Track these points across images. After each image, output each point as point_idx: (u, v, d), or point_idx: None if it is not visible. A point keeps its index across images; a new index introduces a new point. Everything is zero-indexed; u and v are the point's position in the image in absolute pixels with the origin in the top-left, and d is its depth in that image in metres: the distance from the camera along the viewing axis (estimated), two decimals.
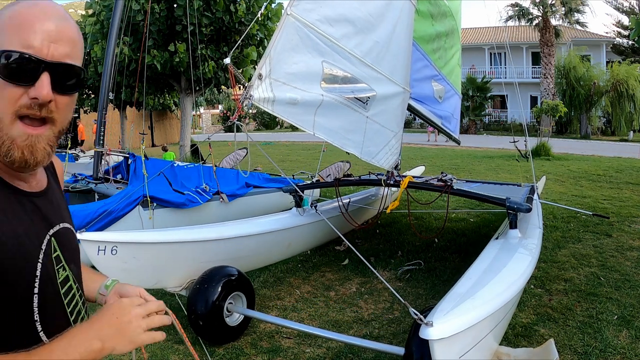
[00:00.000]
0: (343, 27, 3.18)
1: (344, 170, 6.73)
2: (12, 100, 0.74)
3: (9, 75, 0.73)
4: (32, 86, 0.74)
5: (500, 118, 29.44)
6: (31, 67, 0.74)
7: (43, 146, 0.78)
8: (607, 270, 4.12)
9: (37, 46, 0.74)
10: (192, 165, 5.91)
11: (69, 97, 0.81)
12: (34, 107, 0.75)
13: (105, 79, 5.63)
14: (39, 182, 0.89)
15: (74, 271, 0.91)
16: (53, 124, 0.79)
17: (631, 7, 28.65)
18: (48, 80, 0.75)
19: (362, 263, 3.42)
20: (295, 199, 4.37)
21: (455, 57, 6.07)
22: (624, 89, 23.10)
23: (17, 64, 0.73)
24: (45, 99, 0.74)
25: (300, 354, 2.87)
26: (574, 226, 5.60)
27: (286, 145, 19.01)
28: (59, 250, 0.86)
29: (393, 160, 4.04)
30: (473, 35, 31.95)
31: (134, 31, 10.62)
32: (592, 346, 2.84)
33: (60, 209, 0.93)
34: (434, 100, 5.49)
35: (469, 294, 2.23)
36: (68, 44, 0.78)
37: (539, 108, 18.36)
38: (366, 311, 3.46)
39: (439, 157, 13.95)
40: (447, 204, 4.15)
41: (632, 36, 8.48)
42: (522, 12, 25.94)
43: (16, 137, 0.75)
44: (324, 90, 3.09)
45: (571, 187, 8.34)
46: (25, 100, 0.74)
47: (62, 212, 0.93)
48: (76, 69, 0.80)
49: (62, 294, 0.85)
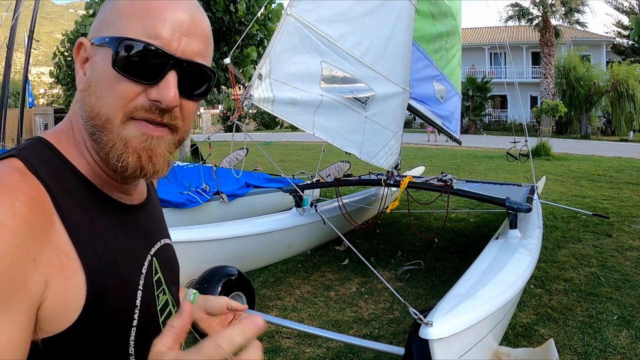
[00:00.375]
0: (341, 27, 3.18)
1: (344, 170, 6.73)
2: (126, 99, 0.60)
3: (127, 69, 0.59)
4: (155, 86, 0.60)
5: (500, 118, 29.46)
6: (157, 62, 0.60)
7: (163, 151, 0.63)
8: (607, 270, 4.12)
9: (166, 37, 0.60)
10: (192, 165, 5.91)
11: (196, 103, 0.66)
12: (154, 112, 0.61)
13: None
14: (140, 192, 0.76)
15: (173, 294, 0.77)
16: (175, 131, 0.65)
17: (631, 7, 28.67)
18: (175, 80, 0.61)
19: (362, 263, 3.42)
20: (295, 199, 4.37)
21: (456, 57, 6.07)
22: (624, 89, 23.11)
23: (140, 56, 0.59)
24: (171, 104, 0.60)
25: (300, 354, 2.87)
26: (574, 226, 5.60)
27: (286, 145, 19.01)
28: (160, 272, 0.73)
29: (393, 160, 4.04)
30: (473, 35, 31.96)
31: None
32: (592, 346, 2.84)
33: (160, 222, 0.80)
34: (436, 100, 5.50)
35: (469, 294, 2.23)
36: (201, 40, 0.64)
37: (539, 108, 18.37)
38: (366, 311, 3.46)
39: (439, 157, 13.95)
40: (447, 204, 4.15)
41: (632, 36, 8.49)
42: (522, 12, 25.95)
43: (131, 138, 0.61)
44: (323, 90, 3.09)
45: (571, 187, 8.34)
46: (143, 101, 0.60)
47: (162, 226, 0.80)
48: (207, 71, 0.65)
49: (160, 323, 0.71)
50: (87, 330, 0.58)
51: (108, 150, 0.61)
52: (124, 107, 0.60)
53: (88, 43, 0.64)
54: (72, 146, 0.65)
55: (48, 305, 0.54)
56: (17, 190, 0.54)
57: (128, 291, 0.64)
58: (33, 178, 0.57)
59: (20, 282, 0.51)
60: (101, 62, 0.61)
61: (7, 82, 8.87)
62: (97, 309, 0.58)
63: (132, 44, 0.59)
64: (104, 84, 0.60)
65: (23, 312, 0.51)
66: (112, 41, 0.60)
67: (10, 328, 0.50)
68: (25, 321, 0.52)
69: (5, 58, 8.64)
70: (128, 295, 0.64)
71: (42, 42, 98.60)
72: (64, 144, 0.65)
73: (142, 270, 0.68)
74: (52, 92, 54.25)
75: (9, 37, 8.67)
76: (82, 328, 0.57)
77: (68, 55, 18.44)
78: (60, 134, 0.67)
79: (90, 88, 0.62)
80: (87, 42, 0.64)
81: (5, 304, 0.49)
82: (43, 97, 65.85)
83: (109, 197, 0.66)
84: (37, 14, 8.90)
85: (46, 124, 24.22)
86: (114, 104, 0.60)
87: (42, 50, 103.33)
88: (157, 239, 0.75)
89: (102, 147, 0.62)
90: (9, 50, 8.64)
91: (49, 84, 49.90)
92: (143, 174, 0.63)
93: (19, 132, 8.57)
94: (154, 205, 0.80)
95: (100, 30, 0.63)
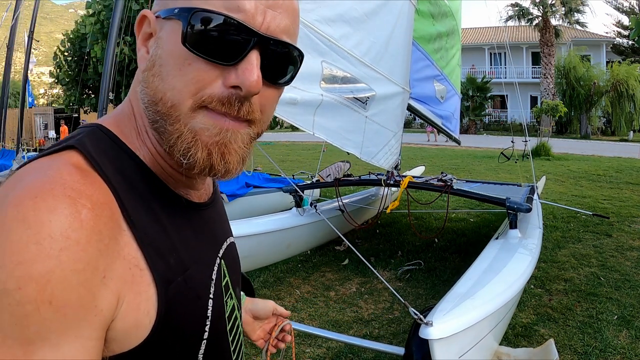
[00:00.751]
0: (342, 28, 3.19)
1: (344, 170, 6.72)
2: (199, 83, 0.50)
3: (201, 46, 0.49)
4: (234, 67, 0.50)
5: (500, 118, 29.47)
6: (238, 39, 0.49)
7: (240, 146, 0.53)
8: (607, 270, 4.12)
9: (249, 10, 0.50)
10: None
11: (278, 91, 0.57)
12: (233, 103, 0.51)
13: (105, 79, 5.63)
14: (207, 187, 0.67)
15: (238, 297, 0.71)
16: (254, 124, 0.55)
17: (631, 7, 28.67)
18: (258, 61, 0.50)
19: (362, 263, 3.42)
20: (295, 199, 4.37)
21: (455, 57, 6.08)
22: (624, 89, 23.11)
23: (218, 31, 0.49)
24: (252, 90, 0.50)
25: (300, 354, 2.87)
26: (574, 226, 5.60)
27: (286, 145, 19.01)
28: (227, 275, 0.65)
29: (393, 160, 4.04)
30: (473, 35, 31.97)
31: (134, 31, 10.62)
32: (592, 346, 2.84)
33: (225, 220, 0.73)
34: (436, 100, 5.50)
35: (469, 294, 2.23)
36: (289, 15, 0.53)
37: (539, 108, 18.37)
38: (366, 311, 3.46)
39: (439, 157, 13.95)
40: (447, 204, 4.15)
41: (632, 36, 8.49)
42: (522, 12, 25.96)
43: (201, 130, 0.51)
44: (323, 90, 3.09)
45: (571, 187, 8.34)
46: (221, 90, 0.50)
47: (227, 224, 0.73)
48: (295, 51, 0.54)
49: (228, 331, 0.65)
50: (157, 347, 0.51)
51: (172, 143, 0.52)
52: (196, 94, 0.50)
53: (152, 16, 0.54)
54: (134, 134, 0.56)
55: (119, 325, 0.47)
56: (81, 195, 0.45)
57: (200, 302, 0.57)
58: (97, 177, 0.49)
59: (90, 304, 0.44)
60: (168, 38, 0.51)
61: (7, 82, 8.88)
62: (168, 325, 0.52)
63: (208, 16, 0.49)
64: (171, 64, 0.51)
65: (94, 335, 0.45)
66: (183, 13, 0.50)
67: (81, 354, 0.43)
68: (96, 344, 0.45)
69: (5, 58, 8.64)
70: (200, 306, 0.57)
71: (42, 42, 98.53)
72: (125, 131, 0.56)
73: (212, 276, 0.61)
74: (52, 92, 54.23)
75: (9, 37, 8.67)
76: (152, 345, 0.50)
77: (68, 55, 18.46)
78: (120, 120, 0.58)
79: (154, 68, 0.52)
80: (151, 15, 0.55)
81: (76, 329, 0.43)
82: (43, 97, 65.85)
83: (176, 195, 0.58)
84: (37, 14, 8.90)
85: (46, 124, 24.23)
86: (183, 88, 0.50)
87: (42, 50, 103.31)
88: (224, 238, 0.68)
89: (165, 139, 0.52)
90: (9, 50, 8.64)
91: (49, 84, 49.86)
92: (212, 173, 0.53)
93: (19, 132, 8.57)
94: (219, 200, 0.72)
95: (168, 2, 0.53)
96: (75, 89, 17.51)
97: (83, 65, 15.91)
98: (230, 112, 0.51)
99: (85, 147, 0.51)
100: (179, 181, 0.58)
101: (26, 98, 11.93)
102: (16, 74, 22.97)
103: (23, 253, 0.40)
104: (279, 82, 0.55)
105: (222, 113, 0.51)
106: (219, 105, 0.50)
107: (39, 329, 0.41)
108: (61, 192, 0.44)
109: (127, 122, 0.57)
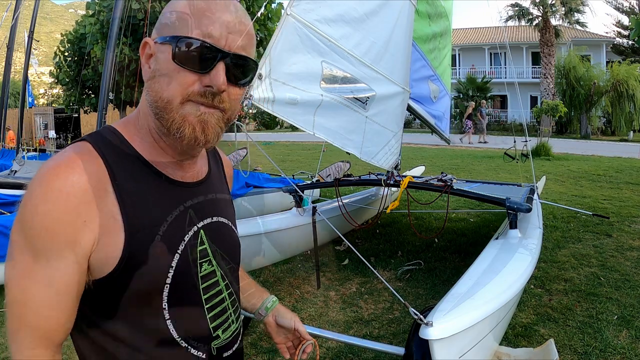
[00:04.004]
0: (342, 28, 3.18)
1: (344, 170, 6.72)
2: (185, 85, 0.74)
3: (186, 62, 0.73)
4: (207, 74, 0.74)
5: (500, 118, 29.45)
6: (209, 55, 0.74)
7: (214, 124, 0.77)
8: (607, 270, 4.12)
9: (216, 36, 0.74)
10: None
11: (240, 89, 0.80)
12: (207, 96, 0.75)
13: (105, 79, 5.63)
14: (198, 173, 0.89)
15: (223, 269, 0.89)
16: (224, 112, 0.79)
17: (631, 7, 28.67)
18: (224, 69, 0.75)
19: (362, 263, 3.42)
20: (295, 199, 4.37)
21: (447, 57, 6.13)
22: (624, 89, 23.09)
23: (197, 51, 0.73)
24: (220, 88, 0.74)
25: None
26: (574, 226, 5.60)
27: (286, 145, 19.01)
28: (207, 244, 0.85)
29: (393, 161, 4.04)
30: (473, 35, 31.96)
31: (134, 31, 10.62)
32: (592, 346, 2.84)
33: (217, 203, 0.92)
34: (430, 100, 5.52)
35: (469, 294, 2.23)
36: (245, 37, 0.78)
37: (539, 108, 18.36)
38: (366, 311, 3.46)
39: (439, 157, 13.95)
40: (447, 204, 4.15)
41: (632, 36, 8.48)
42: (522, 12, 25.94)
43: (188, 114, 0.75)
44: (323, 90, 3.09)
45: (571, 187, 8.34)
46: (198, 87, 0.74)
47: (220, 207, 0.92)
48: (250, 62, 0.79)
49: (200, 289, 0.83)
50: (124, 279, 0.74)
51: (169, 125, 0.76)
52: (183, 92, 0.74)
53: (152, 42, 0.78)
54: (135, 131, 0.82)
55: (95, 256, 0.72)
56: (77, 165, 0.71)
57: (164, 253, 0.77)
58: (96, 156, 0.75)
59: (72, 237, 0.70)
60: (163, 56, 0.75)
61: (7, 82, 8.87)
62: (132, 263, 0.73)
63: (189, 41, 0.73)
64: (165, 74, 0.75)
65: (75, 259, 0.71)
66: (173, 39, 0.74)
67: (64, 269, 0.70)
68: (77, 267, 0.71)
69: (5, 58, 8.64)
70: (163, 256, 0.77)
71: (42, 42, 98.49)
72: (128, 130, 0.82)
73: (185, 237, 0.81)
74: (52, 92, 54.21)
75: (9, 37, 8.66)
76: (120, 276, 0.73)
77: (68, 55, 18.44)
78: (127, 122, 0.84)
79: (155, 78, 0.76)
80: (151, 41, 0.78)
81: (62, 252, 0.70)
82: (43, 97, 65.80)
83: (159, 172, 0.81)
84: (37, 14, 8.90)
85: (46, 124, 24.22)
86: (174, 89, 0.74)
87: (42, 50, 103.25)
88: (210, 215, 0.88)
89: (164, 124, 0.77)
90: (9, 50, 8.64)
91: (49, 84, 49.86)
92: (197, 143, 0.76)
93: (19, 132, 8.57)
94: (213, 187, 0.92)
95: (162, 31, 0.77)
96: (75, 89, 17.52)
97: (83, 65, 15.93)
98: (206, 101, 0.75)
99: (94, 139, 0.78)
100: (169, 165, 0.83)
101: (26, 98, 11.93)
102: (16, 74, 22.96)
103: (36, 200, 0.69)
104: (240, 82, 0.79)
105: (200, 102, 0.75)
106: (199, 97, 0.75)
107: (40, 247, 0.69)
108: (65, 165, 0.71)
109: (132, 123, 0.83)
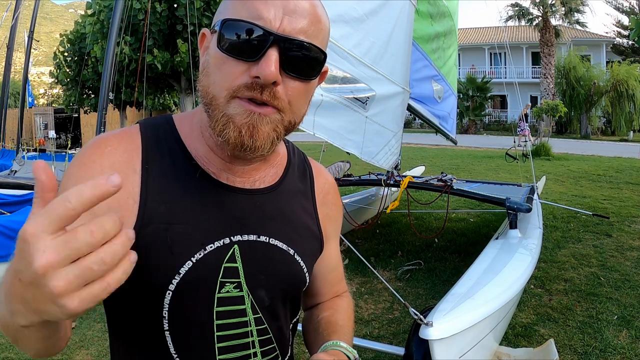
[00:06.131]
0: (341, 28, 3.18)
1: (344, 170, 6.72)
2: (231, 77, 0.63)
3: (231, 48, 0.63)
4: (256, 63, 0.62)
5: (500, 118, 29.44)
6: (258, 40, 0.61)
7: (267, 130, 0.64)
8: (607, 270, 4.12)
9: (267, 17, 0.62)
10: None
11: (302, 82, 0.66)
12: (256, 88, 0.62)
13: (105, 79, 5.63)
14: (260, 180, 0.76)
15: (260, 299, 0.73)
16: (283, 112, 0.66)
17: (631, 7, 28.67)
18: (276, 56, 0.61)
19: (362, 263, 3.42)
20: None
21: (452, 57, 6.09)
22: (624, 89, 23.09)
23: (241, 35, 0.62)
24: (269, 78, 0.61)
25: (300, 354, 2.87)
26: (574, 226, 5.60)
27: None
28: (239, 264, 0.71)
29: (393, 161, 4.04)
30: (473, 35, 31.95)
31: (134, 31, 10.62)
32: (592, 346, 2.84)
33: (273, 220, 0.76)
34: (434, 100, 5.50)
35: (469, 294, 2.23)
36: (307, 19, 0.64)
37: (539, 108, 18.36)
38: (366, 311, 3.45)
39: (439, 157, 13.95)
40: (447, 204, 4.15)
41: (632, 36, 8.48)
42: (522, 12, 25.93)
43: (234, 115, 0.63)
44: (323, 90, 3.09)
45: (571, 187, 8.34)
46: (246, 79, 0.62)
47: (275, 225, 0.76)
48: (314, 49, 0.65)
49: (214, 312, 0.70)
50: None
51: (214, 125, 0.66)
52: (229, 86, 0.63)
53: (208, 32, 0.70)
54: (187, 125, 0.75)
55: None
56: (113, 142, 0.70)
57: (173, 256, 0.67)
58: (138, 136, 0.72)
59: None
60: (212, 45, 0.67)
61: (7, 82, 8.87)
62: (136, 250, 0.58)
63: (234, 24, 0.63)
64: (212, 65, 0.66)
65: None
66: (218, 24, 0.64)
67: None
68: None
69: (5, 58, 8.64)
70: (171, 260, 0.67)
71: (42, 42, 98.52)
72: (181, 122, 0.76)
73: (207, 245, 0.69)
74: (52, 92, 54.23)
75: (9, 37, 8.67)
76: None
77: (68, 55, 18.44)
78: (186, 114, 0.79)
79: (204, 70, 0.68)
80: (207, 32, 0.71)
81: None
82: (43, 97, 65.83)
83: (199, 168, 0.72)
84: (37, 14, 8.90)
85: (46, 124, 24.20)
86: (220, 83, 0.64)
87: (42, 50, 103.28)
88: (253, 231, 0.73)
89: (211, 122, 0.67)
90: (9, 50, 8.64)
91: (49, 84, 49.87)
92: (243, 149, 0.65)
93: (19, 132, 8.56)
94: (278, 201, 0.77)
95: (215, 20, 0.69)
96: (75, 89, 17.52)
97: (83, 65, 15.93)
98: (254, 96, 0.62)
99: (144, 123, 0.75)
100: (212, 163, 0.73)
101: (26, 98, 11.93)
102: (16, 74, 22.97)
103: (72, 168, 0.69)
104: (301, 75, 0.65)
105: (248, 99, 0.63)
106: (245, 90, 0.63)
107: None
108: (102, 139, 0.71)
109: (188, 117, 0.77)
